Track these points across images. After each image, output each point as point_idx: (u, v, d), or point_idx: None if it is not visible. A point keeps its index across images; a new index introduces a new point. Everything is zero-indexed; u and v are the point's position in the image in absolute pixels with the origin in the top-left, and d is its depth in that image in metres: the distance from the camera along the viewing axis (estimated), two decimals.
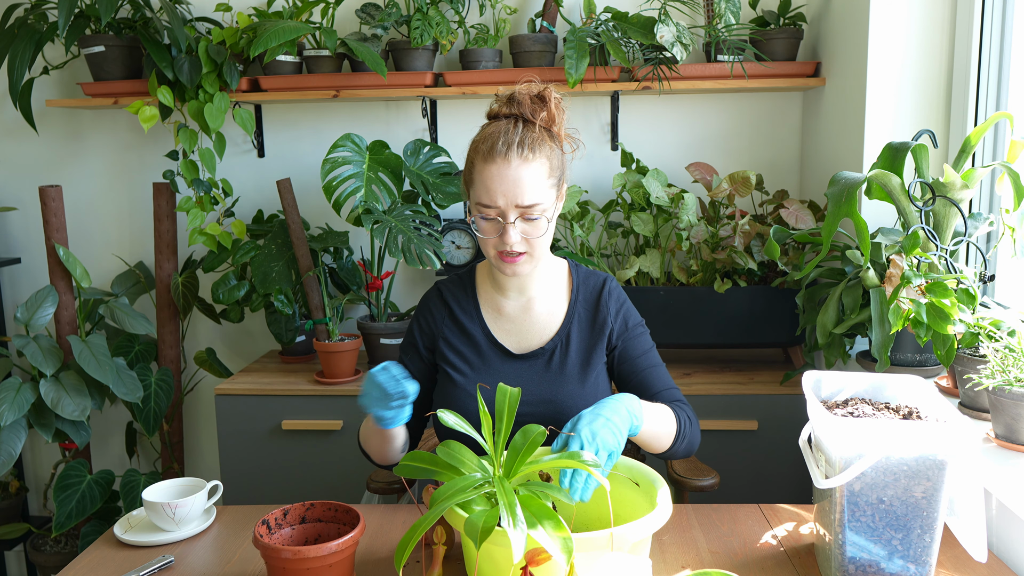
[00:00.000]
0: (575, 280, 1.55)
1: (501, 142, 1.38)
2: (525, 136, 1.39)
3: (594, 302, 1.53)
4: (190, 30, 2.57)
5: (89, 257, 2.88)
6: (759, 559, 1.30)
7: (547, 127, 1.44)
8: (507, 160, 1.37)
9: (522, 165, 1.37)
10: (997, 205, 1.82)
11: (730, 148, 2.65)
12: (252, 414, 2.38)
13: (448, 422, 1.15)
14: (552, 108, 1.44)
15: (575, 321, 1.52)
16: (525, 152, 1.37)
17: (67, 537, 2.64)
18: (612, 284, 1.56)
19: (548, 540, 0.99)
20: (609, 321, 1.52)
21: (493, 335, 1.52)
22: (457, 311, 1.55)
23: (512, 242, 1.39)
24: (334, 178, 2.38)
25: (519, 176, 1.36)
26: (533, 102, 1.43)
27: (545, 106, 1.43)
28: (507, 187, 1.37)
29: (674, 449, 1.45)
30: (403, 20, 2.50)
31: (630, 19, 2.40)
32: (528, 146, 1.38)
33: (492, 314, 1.54)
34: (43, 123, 2.83)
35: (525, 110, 1.42)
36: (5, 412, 2.20)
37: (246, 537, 1.41)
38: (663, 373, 1.53)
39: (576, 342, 1.51)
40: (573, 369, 1.49)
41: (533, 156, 1.38)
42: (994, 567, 1.27)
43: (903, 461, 1.11)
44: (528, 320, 1.53)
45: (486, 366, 1.51)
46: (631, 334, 1.53)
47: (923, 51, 1.99)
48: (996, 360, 1.30)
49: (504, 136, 1.39)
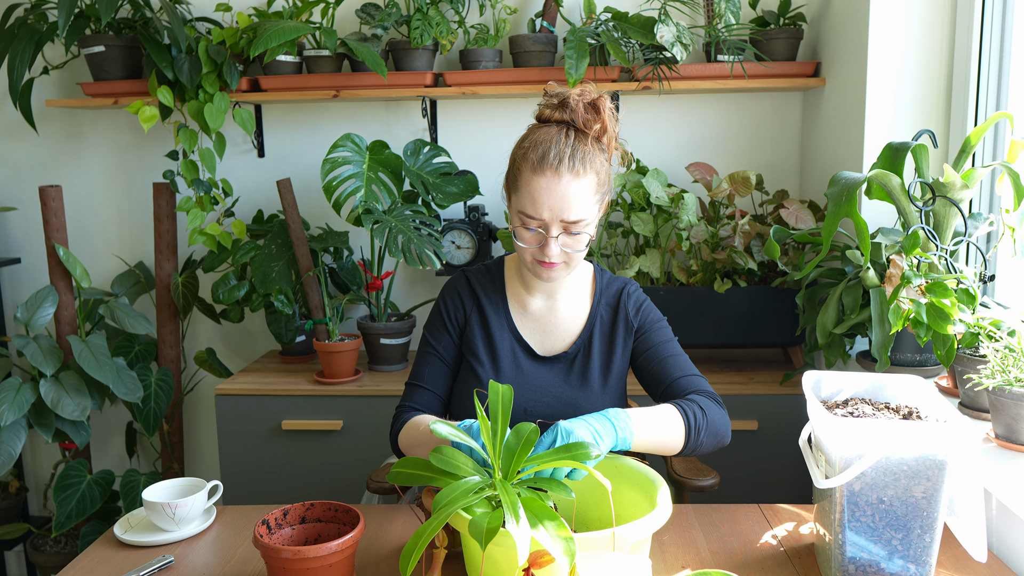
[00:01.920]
0: (598, 285, 1.54)
1: (553, 154, 1.33)
2: (577, 148, 1.35)
3: (614, 306, 1.52)
4: (190, 30, 2.57)
5: (89, 257, 2.88)
6: (759, 559, 1.30)
7: (599, 138, 1.39)
8: (558, 174, 1.33)
9: (572, 180, 1.33)
10: (997, 205, 1.82)
11: (730, 148, 2.65)
12: (252, 414, 2.38)
13: (442, 433, 1.13)
14: (606, 119, 1.39)
15: (597, 325, 1.51)
16: (576, 166, 1.33)
17: (67, 537, 2.64)
18: (631, 288, 1.55)
19: (550, 541, 0.99)
20: (630, 320, 1.51)
21: (520, 332, 1.51)
22: (485, 302, 1.52)
23: (552, 255, 1.37)
24: (334, 178, 2.38)
25: (568, 192, 1.33)
26: (587, 111, 1.38)
27: (599, 116, 1.38)
28: (555, 201, 1.33)
29: (691, 446, 1.37)
30: (403, 20, 2.50)
31: (630, 19, 2.40)
32: (580, 160, 1.34)
33: (518, 310, 1.52)
34: (43, 123, 2.83)
35: (578, 119, 1.37)
36: (5, 412, 2.20)
37: (246, 537, 1.41)
38: (683, 362, 1.49)
39: (598, 347, 1.50)
40: (595, 375, 1.48)
41: (584, 171, 1.34)
42: (994, 567, 1.27)
43: (903, 461, 1.11)
44: (552, 321, 1.52)
45: (512, 364, 1.49)
46: (651, 327, 1.51)
47: (923, 51, 1.99)
48: (996, 360, 1.30)
49: (556, 147, 1.34)
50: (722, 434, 1.42)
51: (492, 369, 1.49)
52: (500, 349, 1.50)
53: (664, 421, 1.34)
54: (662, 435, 1.33)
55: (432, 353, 1.54)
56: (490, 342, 1.50)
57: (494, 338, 1.50)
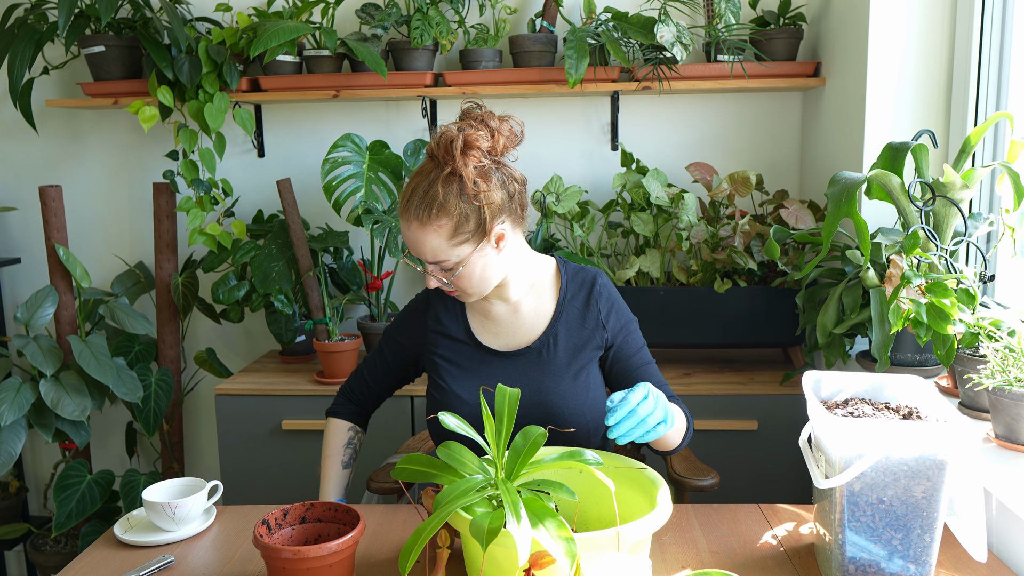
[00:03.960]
0: (564, 278, 1.54)
1: (407, 198, 1.36)
2: (429, 192, 1.33)
3: (584, 299, 1.53)
4: (190, 30, 2.57)
5: (89, 257, 2.88)
6: (759, 559, 1.30)
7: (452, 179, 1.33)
8: (407, 219, 1.37)
9: (419, 228, 1.35)
10: (997, 205, 1.82)
11: (730, 148, 2.65)
12: (252, 414, 2.38)
13: (450, 425, 1.16)
14: (458, 161, 1.31)
15: (563, 319, 1.52)
16: (422, 214, 1.34)
17: (67, 537, 2.64)
18: (602, 281, 1.55)
19: (551, 541, 0.99)
20: (601, 320, 1.52)
21: (477, 338, 1.53)
22: (443, 315, 1.55)
23: (431, 285, 1.43)
24: (334, 178, 2.38)
25: (417, 237, 1.36)
26: (446, 150, 1.33)
27: (451, 157, 1.32)
28: (411, 244, 1.38)
29: (679, 446, 1.49)
30: (403, 20, 2.50)
31: (630, 19, 2.40)
32: (428, 206, 1.33)
33: (478, 318, 1.54)
34: (43, 123, 2.83)
35: (439, 156, 1.35)
36: (5, 412, 2.20)
37: (246, 537, 1.41)
38: (655, 370, 1.55)
39: (564, 339, 1.51)
40: (561, 365, 1.49)
41: (428, 218, 1.33)
42: (994, 567, 1.27)
43: (903, 461, 1.11)
44: (516, 321, 1.53)
45: (472, 367, 1.51)
46: (625, 331, 1.54)
47: (923, 51, 1.99)
48: (996, 360, 1.30)
49: (413, 190, 1.35)
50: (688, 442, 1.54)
51: (452, 377, 1.52)
52: (457, 357, 1.53)
53: (680, 420, 1.44)
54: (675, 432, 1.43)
55: (382, 355, 1.63)
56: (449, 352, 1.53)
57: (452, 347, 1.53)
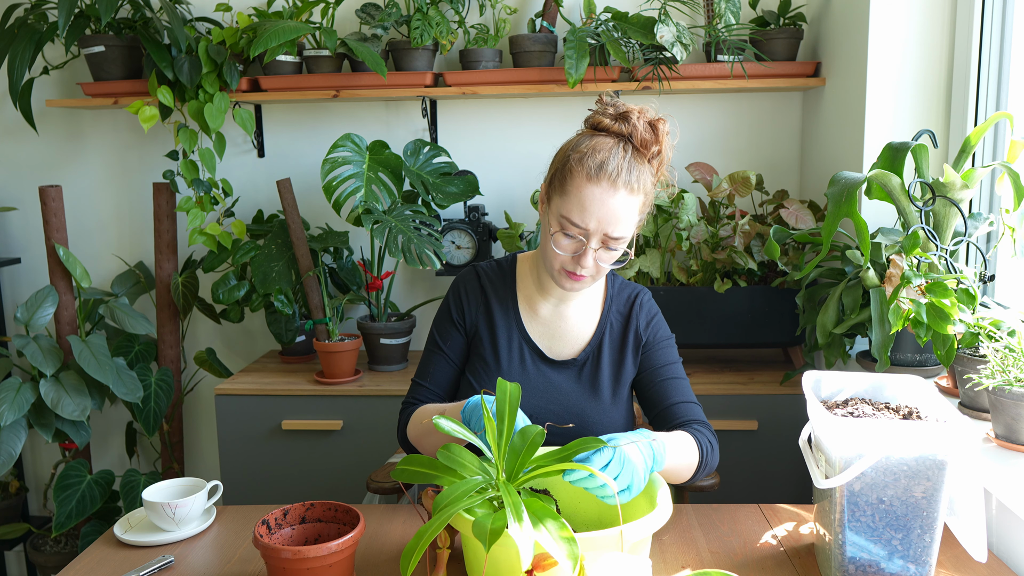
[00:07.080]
0: (610, 291, 1.52)
1: (612, 165, 1.30)
2: (633, 165, 1.32)
3: (625, 314, 1.50)
4: (190, 30, 2.57)
5: (89, 257, 2.88)
6: (759, 559, 1.30)
7: (651, 160, 1.36)
8: (614, 186, 1.30)
9: (627, 196, 1.31)
10: (997, 205, 1.82)
11: (730, 148, 2.65)
12: (252, 414, 2.38)
13: (445, 429, 1.13)
14: (664, 144, 1.36)
15: (607, 333, 1.49)
16: (632, 183, 1.31)
17: (67, 537, 2.64)
18: (644, 297, 1.52)
19: (553, 543, 0.99)
20: (640, 333, 1.49)
21: (529, 334, 1.48)
22: (493, 301, 1.50)
23: (587, 266, 1.35)
24: (334, 178, 2.38)
25: (617, 206, 1.31)
26: (646, 131, 1.35)
27: (657, 139, 1.35)
28: (604, 213, 1.31)
29: (694, 479, 1.41)
30: (403, 20, 2.50)
31: (630, 19, 2.40)
32: (636, 177, 1.32)
33: (527, 312, 1.50)
34: (43, 123, 2.83)
35: (636, 136, 1.34)
36: (5, 412, 2.20)
37: (246, 537, 1.41)
38: (684, 386, 1.48)
39: (607, 355, 1.48)
40: (604, 385, 1.47)
41: (636, 189, 1.32)
42: (994, 567, 1.27)
43: (903, 461, 1.11)
44: (561, 326, 1.49)
45: (519, 366, 1.47)
46: (658, 345, 1.50)
47: (923, 51, 1.99)
48: (996, 360, 1.30)
49: (615, 159, 1.31)
50: (713, 468, 1.45)
51: (497, 370, 1.47)
52: (507, 351, 1.47)
53: (686, 453, 1.35)
54: (680, 466, 1.34)
55: (437, 352, 1.53)
56: (495, 343, 1.48)
57: (499, 339, 1.48)
